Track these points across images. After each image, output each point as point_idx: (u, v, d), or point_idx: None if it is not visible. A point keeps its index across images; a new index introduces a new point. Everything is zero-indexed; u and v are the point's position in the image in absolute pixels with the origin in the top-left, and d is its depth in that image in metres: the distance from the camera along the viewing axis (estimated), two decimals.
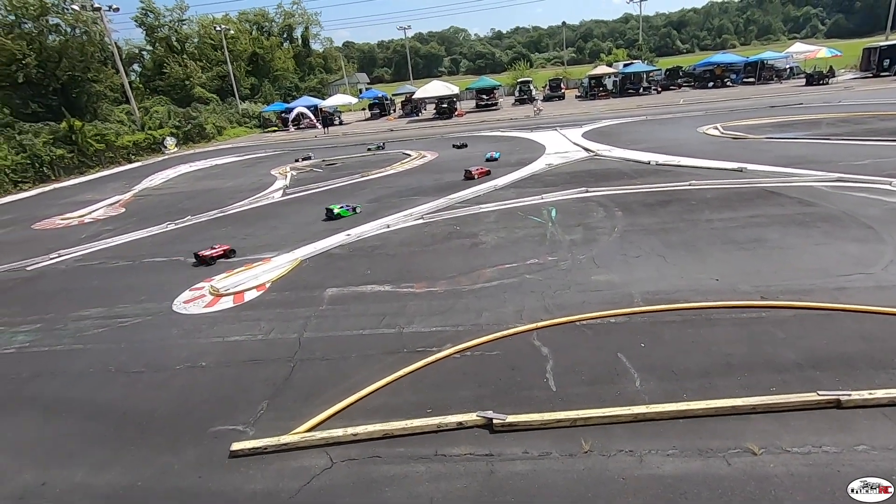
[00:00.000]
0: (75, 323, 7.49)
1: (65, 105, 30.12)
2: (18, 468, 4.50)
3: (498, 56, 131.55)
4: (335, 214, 11.85)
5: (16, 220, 15.70)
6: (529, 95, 40.37)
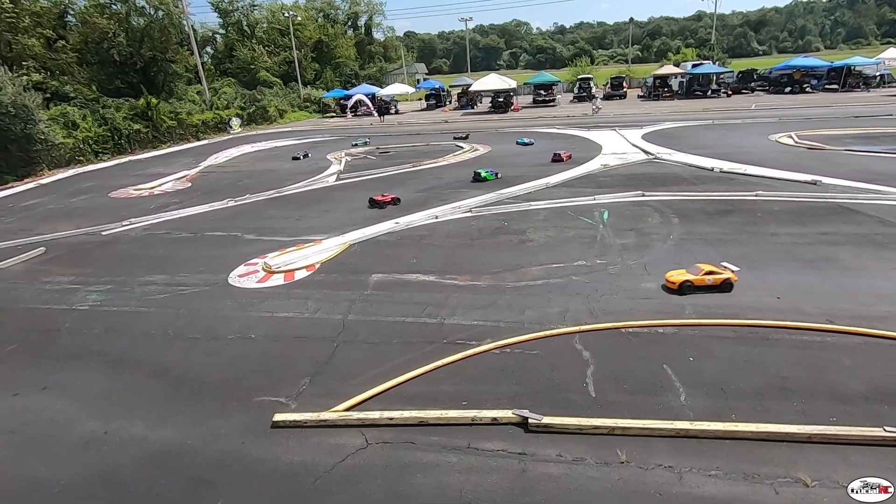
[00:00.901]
0: (141, 287, 8.04)
1: (144, 83, 32.09)
2: (86, 416, 4.90)
3: (559, 51, 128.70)
4: (482, 177, 13.84)
5: (95, 188, 16.96)
6: (589, 93, 39.28)
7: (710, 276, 6.47)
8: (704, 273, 6.48)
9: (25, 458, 4.40)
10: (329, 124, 36.44)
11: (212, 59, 49.65)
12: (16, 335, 6.69)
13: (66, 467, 4.24)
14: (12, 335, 6.69)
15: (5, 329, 6.90)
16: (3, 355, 6.20)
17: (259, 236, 10.24)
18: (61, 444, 4.54)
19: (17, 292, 8.20)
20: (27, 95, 19.62)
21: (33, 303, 7.74)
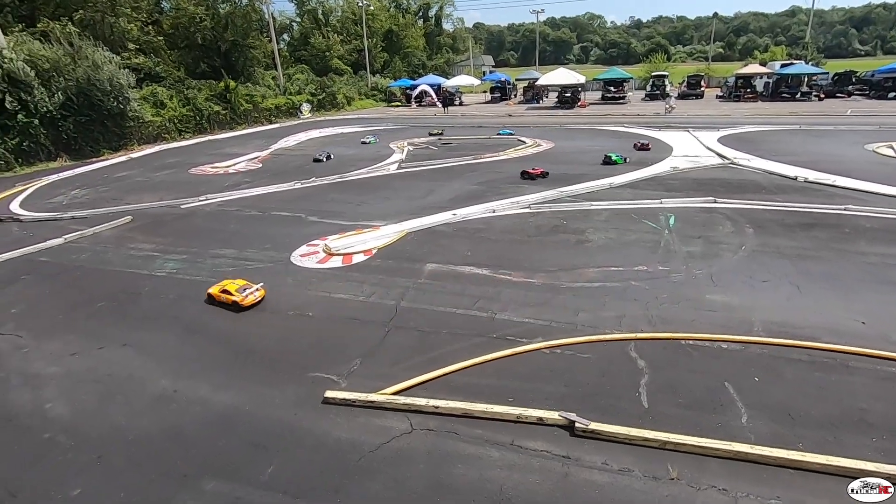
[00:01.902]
0: (212, 259, 8.59)
1: (225, 67, 34.01)
2: (159, 374, 5.33)
3: (633, 46, 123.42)
4: (612, 160, 14.68)
5: (177, 164, 18.24)
6: (662, 91, 37.43)
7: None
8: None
9: (107, 406, 4.85)
10: (394, 113, 37.06)
11: (288, 46, 51.70)
12: (104, 294, 7.37)
13: (140, 419, 4.64)
14: (101, 294, 7.37)
15: (96, 288, 7.62)
16: (93, 311, 6.86)
17: (321, 219, 10.63)
18: (137, 397, 4.97)
19: (107, 255, 9.01)
20: (123, 75, 21.31)
21: (120, 266, 8.47)
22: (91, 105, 20.30)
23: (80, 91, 19.89)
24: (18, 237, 10.30)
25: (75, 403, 4.90)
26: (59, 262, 8.80)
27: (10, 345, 6.07)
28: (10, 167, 17.89)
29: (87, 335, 6.22)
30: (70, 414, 4.75)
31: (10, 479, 4.00)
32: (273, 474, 3.91)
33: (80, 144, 20.29)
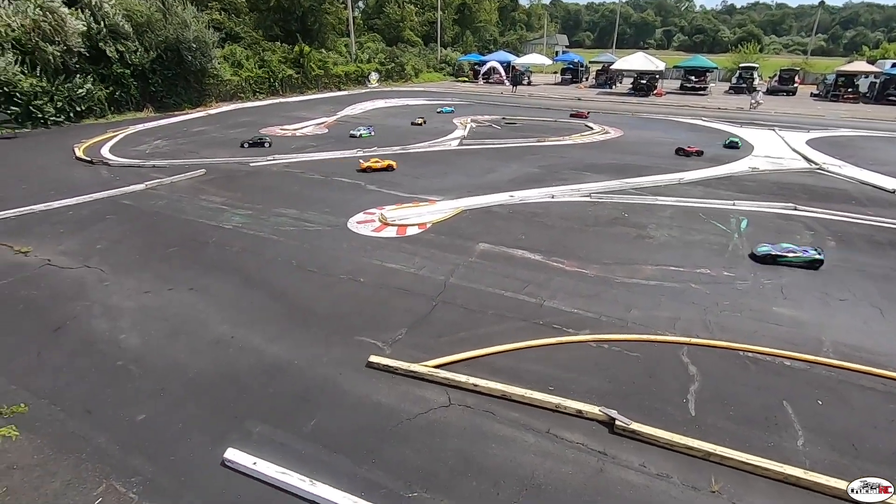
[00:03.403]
0: (275, 217, 8.96)
1: (300, 31, 34.80)
2: (219, 320, 5.68)
3: (721, 34, 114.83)
4: (729, 144, 15.46)
5: (250, 123, 19.03)
6: (749, 85, 34.75)
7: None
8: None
9: (172, 343, 5.24)
10: (460, 88, 36.68)
11: (362, 13, 52.09)
12: (177, 240, 7.90)
13: (199, 358, 4.98)
14: (174, 239, 7.91)
15: (170, 233, 8.18)
16: (166, 255, 7.38)
17: (379, 188, 10.80)
18: (198, 338, 5.33)
19: (182, 204, 9.61)
20: (207, 34, 22.28)
21: (192, 215, 9.03)
22: (178, 61, 21.45)
23: (169, 47, 21.02)
24: (107, 180, 11.19)
25: (145, 337, 5.33)
26: (139, 206, 9.50)
27: (94, 277, 6.66)
28: (103, 114, 19.34)
29: (159, 276, 6.71)
30: (140, 346, 5.18)
31: (88, 397, 4.43)
32: (315, 427, 4.10)
33: (164, 98, 21.58)
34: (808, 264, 7.19)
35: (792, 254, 7.28)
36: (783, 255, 7.29)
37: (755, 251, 7.51)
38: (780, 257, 7.27)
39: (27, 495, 3.47)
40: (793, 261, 7.22)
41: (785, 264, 7.20)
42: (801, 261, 7.20)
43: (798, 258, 7.23)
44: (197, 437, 4.00)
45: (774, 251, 7.36)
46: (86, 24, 18.89)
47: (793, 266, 7.17)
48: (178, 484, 3.57)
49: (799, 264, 7.18)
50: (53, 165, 12.42)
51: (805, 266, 7.17)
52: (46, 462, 3.75)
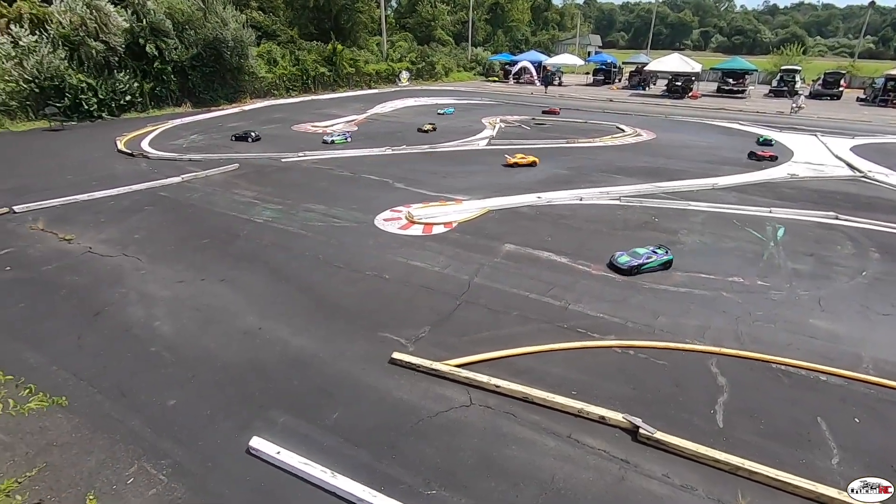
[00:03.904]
0: (304, 213, 9.13)
1: (333, 30, 35.29)
2: (248, 311, 5.82)
3: (762, 35, 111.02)
4: (763, 142, 15.83)
5: (282, 120, 19.42)
6: (791, 88, 33.44)
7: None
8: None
9: (203, 332, 5.40)
10: (490, 88, 36.53)
11: (394, 12, 52.41)
12: (209, 232, 8.13)
13: (228, 348, 5.12)
14: (207, 232, 8.14)
15: (203, 225, 8.42)
16: (199, 246, 7.60)
17: (407, 186, 10.87)
18: (228, 328, 5.48)
19: (215, 198, 9.89)
20: (245, 32, 22.83)
21: (224, 208, 9.28)
22: (216, 58, 22.06)
23: (208, 45, 21.64)
24: (146, 172, 11.60)
25: (178, 325, 5.51)
26: (176, 198, 9.81)
27: (132, 265, 6.92)
28: (144, 109, 20.05)
29: (192, 266, 6.92)
30: (173, 333, 5.36)
31: (123, 381, 4.61)
32: (337, 420, 4.16)
33: (202, 93, 22.22)
34: (663, 266, 7.00)
35: (648, 259, 6.96)
36: (645, 262, 6.92)
37: (615, 260, 7.07)
38: (644, 265, 6.89)
39: (65, 472, 3.64)
40: (653, 265, 6.95)
41: (647, 271, 6.91)
42: (658, 264, 6.97)
43: (654, 262, 6.97)
44: (224, 424, 4.11)
45: (635, 261, 6.91)
46: (129, 21, 19.61)
47: (653, 271, 6.94)
48: (205, 469, 3.68)
49: (657, 267, 6.97)
50: (97, 157, 12.95)
51: (660, 268, 6.98)
52: (83, 441, 3.92)
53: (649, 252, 7.05)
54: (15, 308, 5.81)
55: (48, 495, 3.44)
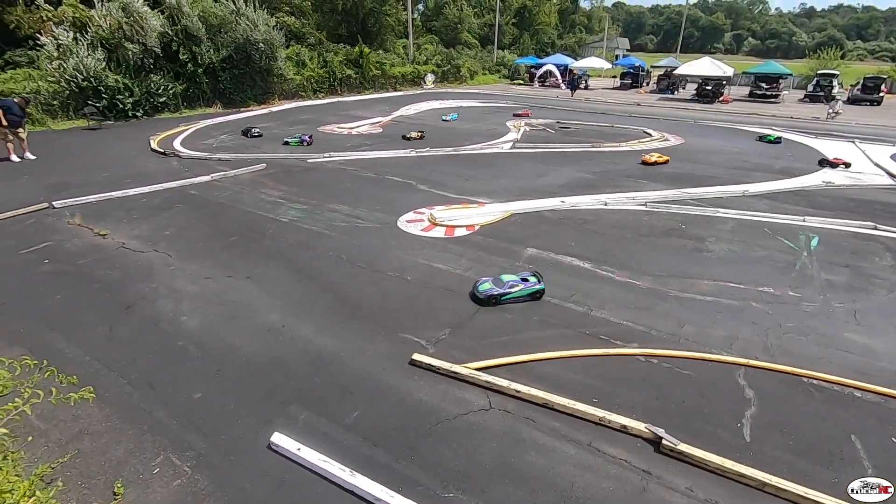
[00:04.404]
0: (328, 213, 9.25)
1: (360, 33, 35.75)
2: (271, 308, 5.93)
3: (798, 38, 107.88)
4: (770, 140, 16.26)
5: (309, 121, 19.74)
6: (828, 93, 32.37)
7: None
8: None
9: (227, 327, 5.52)
10: (515, 91, 36.42)
11: (421, 15, 52.78)
12: (237, 230, 8.31)
13: (251, 343, 5.22)
14: (234, 230, 8.33)
15: (231, 224, 8.62)
16: (226, 243, 7.78)
17: (430, 188, 10.91)
18: (251, 324, 5.59)
19: (243, 196, 10.11)
20: (275, 34, 23.30)
21: (251, 207, 9.47)
22: (246, 60, 22.58)
23: (238, 47, 22.17)
24: (177, 170, 11.94)
25: (204, 320, 5.64)
26: (205, 196, 10.07)
27: (161, 261, 7.13)
28: (177, 109, 20.66)
29: (219, 263, 7.09)
30: (199, 328, 5.49)
31: (151, 372, 4.75)
32: (357, 419, 4.20)
33: (232, 94, 22.77)
34: (531, 296, 6.09)
35: (512, 288, 6.06)
36: (508, 291, 6.03)
37: (475, 288, 6.18)
38: (504, 295, 6.00)
39: (95, 459, 3.76)
40: (518, 295, 6.04)
41: (510, 301, 6.02)
42: (525, 294, 6.08)
43: (521, 292, 6.06)
44: (247, 418, 4.19)
45: (496, 290, 6.03)
46: (163, 25, 20.24)
47: (520, 301, 6.03)
48: (228, 462, 3.75)
49: (523, 298, 6.06)
50: (131, 156, 13.39)
51: (527, 299, 6.07)
52: (113, 430, 4.04)
53: (516, 280, 6.18)
54: (52, 299, 6.05)
55: (79, 481, 3.56)
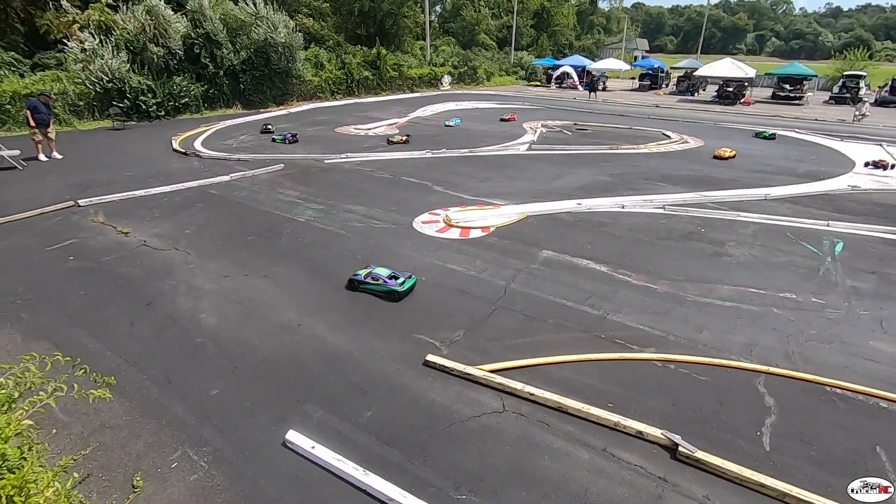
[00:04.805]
0: (344, 213, 9.32)
1: (378, 34, 36.00)
2: (287, 307, 5.99)
3: (823, 39, 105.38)
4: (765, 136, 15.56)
5: (326, 122, 19.93)
6: (854, 95, 31.56)
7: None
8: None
9: (245, 325, 5.59)
10: (531, 92, 36.28)
11: (438, 17, 52.93)
12: (254, 229, 8.42)
13: (268, 342, 5.28)
14: (252, 229, 8.44)
15: (249, 223, 8.74)
16: (244, 243, 7.89)
17: (446, 189, 10.92)
18: (268, 322, 5.65)
19: (261, 196, 10.24)
20: (294, 37, 23.58)
21: (269, 207, 9.59)
22: (266, 62, 22.90)
23: (258, 50, 22.49)
24: (198, 170, 12.16)
25: (222, 318, 5.73)
26: (224, 196, 10.23)
27: (182, 259, 7.26)
28: (198, 110, 21.04)
29: (237, 262, 7.19)
30: (217, 326, 5.57)
31: (169, 368, 4.83)
32: (370, 418, 4.21)
33: (251, 96, 23.11)
34: (387, 294, 6.17)
35: (374, 281, 6.25)
36: (367, 282, 6.27)
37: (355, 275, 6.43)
38: (363, 284, 6.28)
39: (115, 452, 3.84)
40: (374, 289, 6.24)
41: (367, 291, 6.26)
42: (382, 290, 6.20)
43: (379, 286, 6.21)
44: (262, 415, 4.24)
45: (359, 277, 6.35)
46: (186, 27, 20.64)
47: (375, 294, 6.22)
48: (243, 458, 3.80)
49: (380, 293, 6.21)
50: (154, 155, 13.67)
51: (384, 296, 6.17)
52: (133, 424, 4.13)
53: (384, 275, 6.28)
54: (77, 295, 6.20)
55: (99, 473, 3.64)
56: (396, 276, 6.34)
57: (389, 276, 6.29)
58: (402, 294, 6.17)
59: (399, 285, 6.17)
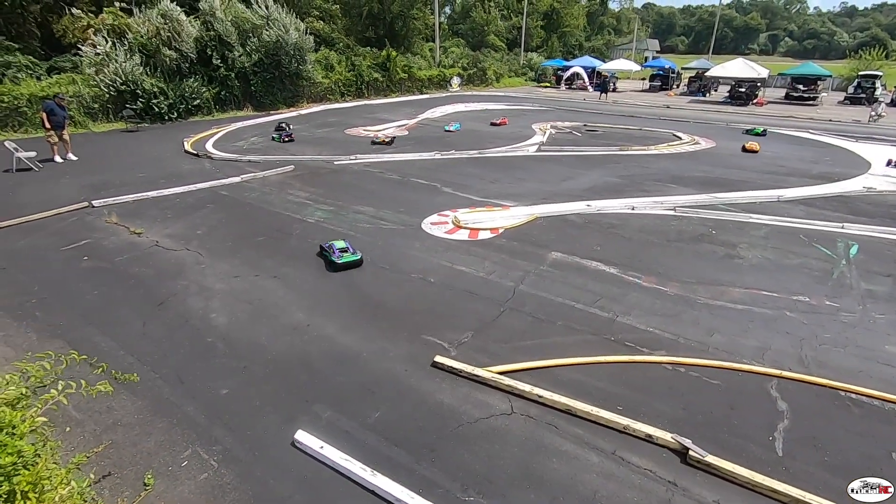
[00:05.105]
0: (353, 214, 9.36)
1: (388, 36, 36.12)
2: (297, 307, 6.03)
3: (838, 38, 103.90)
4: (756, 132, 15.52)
5: (336, 124, 20.03)
6: (870, 95, 31.08)
7: None
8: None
9: (254, 325, 5.63)
10: (541, 94, 36.19)
11: (448, 18, 53.01)
12: (264, 230, 8.49)
13: (277, 341, 5.32)
14: (262, 230, 8.51)
15: (259, 224, 8.81)
16: (254, 243, 7.95)
17: (455, 191, 10.92)
18: (278, 322, 5.69)
19: (271, 197, 10.32)
20: (305, 39, 23.75)
21: (279, 208, 9.66)
22: (276, 65, 23.08)
23: (269, 52, 22.68)
24: (209, 171, 12.28)
25: (232, 318, 5.78)
26: (234, 197, 10.32)
27: (193, 259, 7.34)
28: (210, 112, 21.26)
29: (247, 262, 7.25)
30: (227, 325, 5.62)
31: (181, 367, 4.89)
32: (379, 419, 4.23)
33: (262, 98, 23.30)
34: (328, 263, 7.04)
35: (328, 250, 7.15)
36: (325, 248, 7.23)
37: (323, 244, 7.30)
38: (324, 250, 7.22)
39: (127, 450, 3.89)
40: (326, 256, 7.11)
41: (323, 258, 7.17)
42: (329, 258, 7.02)
43: (327, 255, 7.10)
44: (271, 415, 4.27)
45: (326, 244, 7.27)
46: (199, 30, 20.87)
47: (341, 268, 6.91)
48: (253, 458, 3.83)
49: (343, 265, 6.92)
50: (166, 157, 13.84)
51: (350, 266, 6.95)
52: (144, 423, 4.17)
53: (332, 245, 7.16)
54: (91, 295, 6.29)
55: (112, 471, 3.69)
56: (347, 249, 7.09)
57: (341, 249, 7.06)
58: (338, 266, 6.88)
59: (338, 259, 6.90)
